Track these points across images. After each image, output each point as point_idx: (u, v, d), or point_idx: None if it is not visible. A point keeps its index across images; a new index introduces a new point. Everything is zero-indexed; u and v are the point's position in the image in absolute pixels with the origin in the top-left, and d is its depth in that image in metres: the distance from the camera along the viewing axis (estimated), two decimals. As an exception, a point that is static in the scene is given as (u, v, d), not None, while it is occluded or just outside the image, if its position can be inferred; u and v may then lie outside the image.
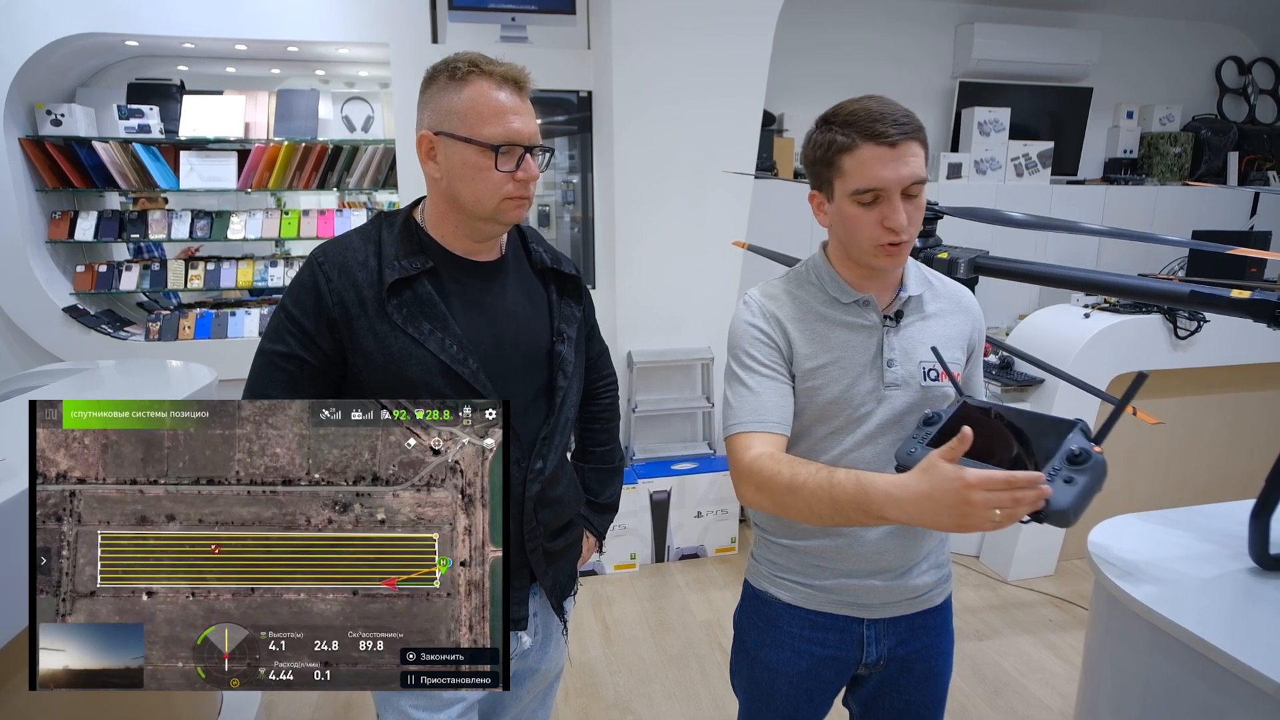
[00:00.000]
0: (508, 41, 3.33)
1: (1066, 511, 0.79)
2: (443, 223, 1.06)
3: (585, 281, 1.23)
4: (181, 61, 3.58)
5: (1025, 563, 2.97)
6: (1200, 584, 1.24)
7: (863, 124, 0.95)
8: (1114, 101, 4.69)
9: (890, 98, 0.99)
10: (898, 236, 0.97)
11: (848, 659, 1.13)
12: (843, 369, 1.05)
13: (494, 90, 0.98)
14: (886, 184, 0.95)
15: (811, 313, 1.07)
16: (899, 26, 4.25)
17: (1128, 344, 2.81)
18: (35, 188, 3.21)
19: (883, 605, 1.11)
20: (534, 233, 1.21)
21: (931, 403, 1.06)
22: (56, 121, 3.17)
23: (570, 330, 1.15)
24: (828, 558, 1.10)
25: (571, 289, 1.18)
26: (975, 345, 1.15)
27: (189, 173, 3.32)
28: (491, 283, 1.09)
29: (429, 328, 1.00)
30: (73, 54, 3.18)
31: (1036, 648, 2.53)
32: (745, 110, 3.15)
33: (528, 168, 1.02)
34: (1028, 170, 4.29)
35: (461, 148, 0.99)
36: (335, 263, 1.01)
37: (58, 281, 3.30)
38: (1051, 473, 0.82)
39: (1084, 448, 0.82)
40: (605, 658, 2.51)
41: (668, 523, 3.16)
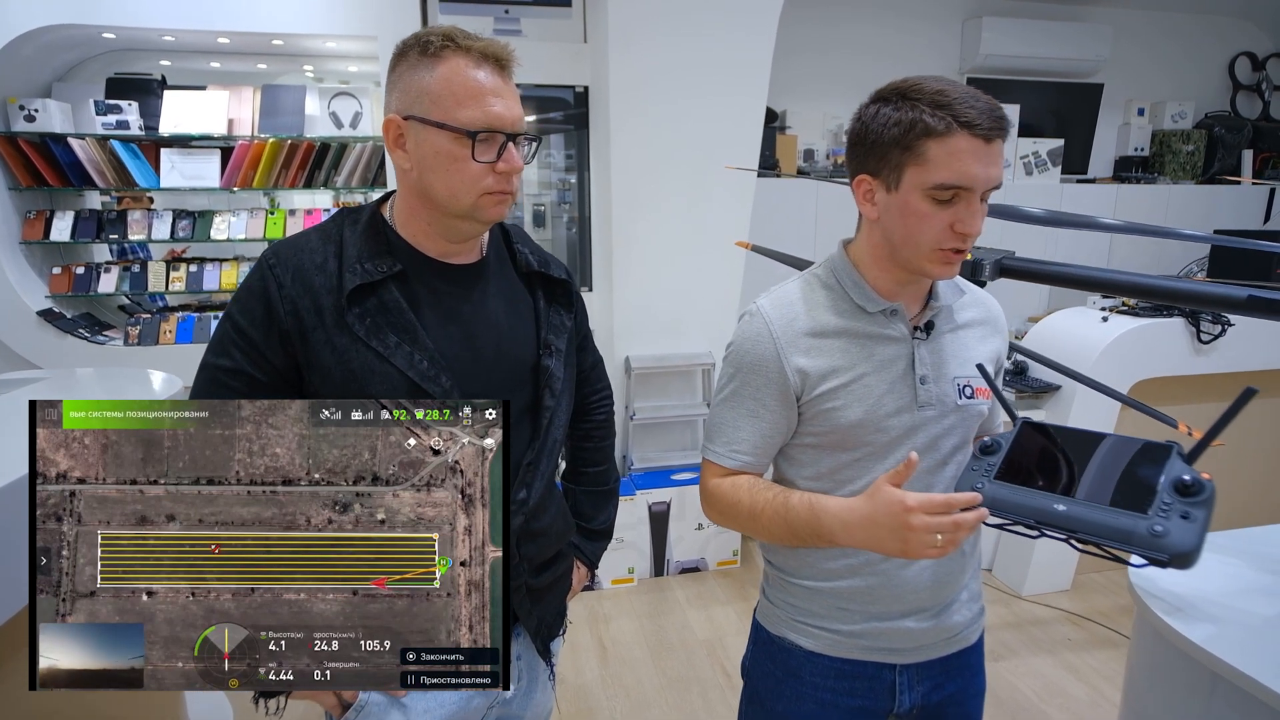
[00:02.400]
0: (501, 34, 3.21)
1: (1190, 554, 0.69)
2: (413, 220, 0.94)
3: (579, 285, 1.11)
4: (163, 56, 3.46)
5: (1040, 577, 2.85)
6: (1264, 622, 1.12)
7: (960, 108, 0.81)
8: (1125, 98, 4.58)
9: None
10: (965, 244, 0.85)
11: (878, 710, 1.01)
12: (867, 387, 0.92)
13: (471, 68, 0.86)
14: (975, 182, 0.82)
15: (829, 324, 0.94)
16: (903, 23, 4.13)
17: (1148, 348, 2.69)
18: (8, 186, 3.09)
19: (917, 649, 0.99)
20: (519, 232, 1.09)
21: (967, 423, 0.94)
22: (30, 117, 3.04)
23: (559, 342, 1.02)
24: (857, 599, 0.98)
25: (561, 295, 1.06)
26: (1003, 357, 1.06)
27: (170, 171, 3.20)
28: (470, 289, 0.97)
29: (395, 340, 0.89)
30: (47, 46, 3.05)
31: (1056, 669, 2.40)
32: (747, 108, 3.02)
33: (510, 158, 0.89)
34: (1037, 169, 4.18)
35: (434, 134, 0.87)
36: (289, 265, 0.89)
37: (32, 284, 3.17)
38: (1163, 508, 0.71)
39: (1196, 477, 0.72)
40: (602, 680, 2.38)
41: (667, 535, 3.04)
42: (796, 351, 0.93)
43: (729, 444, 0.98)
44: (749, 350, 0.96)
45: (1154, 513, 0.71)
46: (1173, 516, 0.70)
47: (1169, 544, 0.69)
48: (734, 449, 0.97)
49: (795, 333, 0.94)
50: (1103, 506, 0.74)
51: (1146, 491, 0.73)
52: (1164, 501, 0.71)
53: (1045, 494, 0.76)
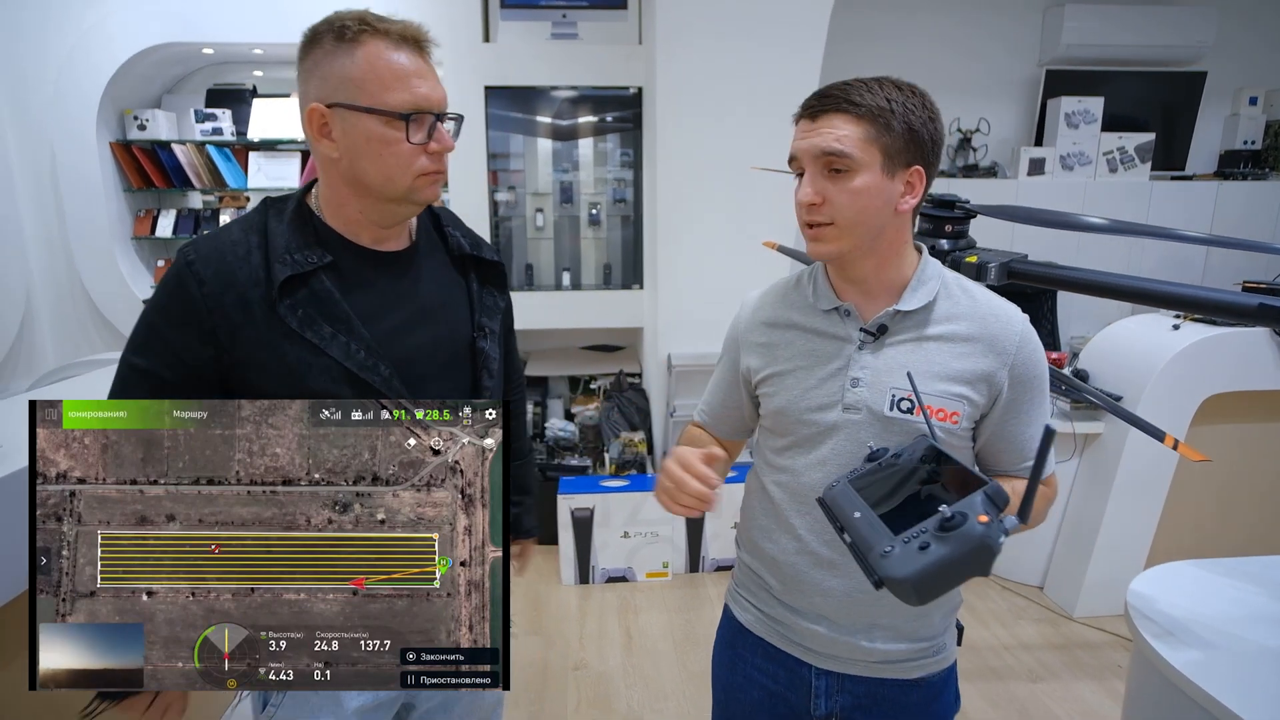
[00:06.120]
0: (558, 39, 3.32)
1: (903, 581, 0.63)
2: (343, 209, 0.93)
3: (632, 283, 1.15)
4: (255, 67, 3.77)
5: (1094, 597, 2.69)
6: (1258, 652, 1.05)
7: (804, 101, 0.92)
8: (1233, 87, 4.20)
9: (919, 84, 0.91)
10: (809, 215, 0.90)
11: (796, 705, 1.01)
12: (796, 379, 0.95)
13: (391, 51, 0.86)
14: (798, 152, 0.90)
15: (785, 319, 1.00)
16: (973, 15, 3.95)
17: (1223, 360, 2.48)
18: (123, 188, 3.46)
19: (831, 657, 0.98)
20: (449, 214, 1.09)
21: (898, 438, 0.89)
22: (142, 126, 3.41)
23: (493, 324, 1.04)
24: (773, 580, 1.01)
25: (494, 277, 1.07)
26: (1005, 388, 0.91)
27: (256, 172, 3.50)
28: (401, 275, 0.97)
29: (330, 331, 0.89)
30: (156, 63, 3.40)
31: (1099, 695, 2.27)
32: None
33: (441, 138, 0.90)
34: (1123, 165, 3.90)
35: (364, 120, 0.86)
36: (210, 261, 0.87)
37: (141, 275, 3.55)
38: (914, 535, 0.66)
39: (961, 512, 0.64)
40: (623, 669, 2.44)
41: (703, 532, 3.06)
42: (752, 337, 1.02)
43: (706, 405, 1.13)
44: (729, 333, 1.09)
45: (901, 536, 0.66)
46: (911, 544, 0.65)
47: (885, 565, 0.65)
48: (702, 408, 1.14)
49: (756, 321, 1.02)
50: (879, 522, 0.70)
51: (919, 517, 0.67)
52: (920, 529, 0.66)
53: (862, 503, 0.73)
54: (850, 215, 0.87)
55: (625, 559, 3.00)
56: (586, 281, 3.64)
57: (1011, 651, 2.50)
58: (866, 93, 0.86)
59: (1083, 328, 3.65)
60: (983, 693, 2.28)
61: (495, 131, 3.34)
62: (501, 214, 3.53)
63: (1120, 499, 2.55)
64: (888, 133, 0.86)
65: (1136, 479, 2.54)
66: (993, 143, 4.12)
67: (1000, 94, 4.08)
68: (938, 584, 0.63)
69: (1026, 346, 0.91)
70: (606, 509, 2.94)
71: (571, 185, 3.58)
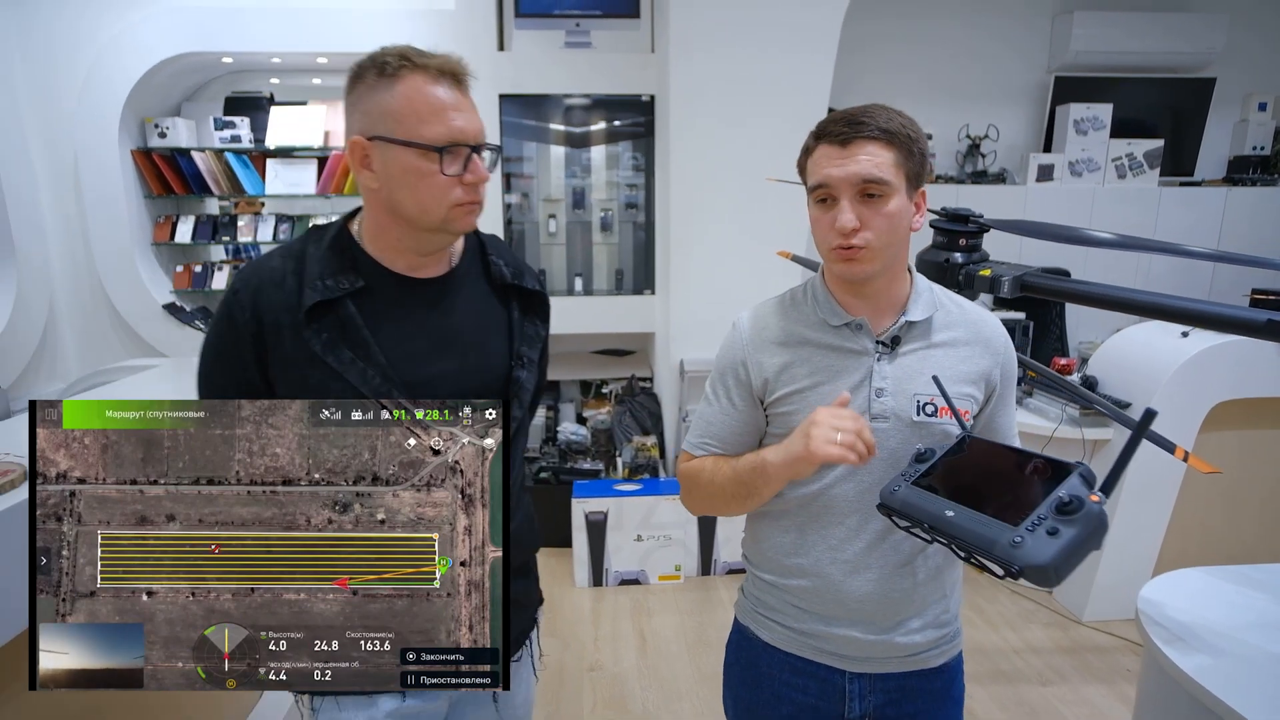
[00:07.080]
0: (572, 47, 3.36)
1: (1045, 568, 0.69)
2: (382, 236, 0.96)
3: (644, 289, 1.14)
4: (272, 75, 3.82)
5: (1104, 601, 2.71)
6: (1267, 658, 1.08)
7: (822, 126, 0.95)
8: (1242, 92, 4.21)
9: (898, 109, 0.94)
10: (847, 240, 0.92)
11: (829, 712, 1.05)
12: (821, 395, 0.98)
13: (430, 85, 0.89)
14: (832, 180, 0.92)
15: (796, 336, 1.02)
16: (981, 19, 3.98)
17: (1233, 367, 2.50)
18: (143, 195, 3.52)
19: (865, 660, 1.02)
20: (496, 242, 1.10)
21: (928, 440, 0.96)
22: (162, 134, 3.46)
23: (532, 353, 1.05)
24: (805, 599, 1.03)
25: (536, 306, 1.08)
26: (999, 383, 1.03)
27: (273, 179, 3.55)
28: (436, 302, 0.99)
29: (350, 356, 0.91)
30: (176, 72, 3.46)
31: (1108, 699, 2.30)
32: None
33: (476, 169, 0.92)
34: (1132, 171, 3.92)
35: (400, 152, 0.88)
36: (250, 286, 0.92)
37: (160, 281, 3.60)
38: (1035, 522, 0.72)
39: (1075, 495, 0.71)
40: (638, 670, 2.48)
41: (715, 535, 3.09)
42: (764, 357, 1.02)
43: (701, 436, 1.08)
44: (725, 357, 1.07)
45: (1024, 525, 0.71)
46: (1039, 531, 0.70)
47: (1021, 555, 0.70)
48: (705, 440, 1.07)
49: (764, 340, 1.03)
50: (983, 516, 0.74)
51: (1028, 506, 0.73)
52: (1038, 516, 0.71)
53: (945, 501, 0.78)
54: (885, 238, 0.92)
55: (638, 562, 3.04)
56: (598, 287, 3.68)
57: (1021, 655, 2.53)
58: (887, 119, 0.91)
59: (1091, 333, 3.67)
60: (993, 696, 2.31)
61: (509, 138, 3.39)
62: (514, 219, 3.58)
63: (1129, 503, 2.58)
64: (910, 158, 0.92)
65: (1145, 484, 2.57)
66: (1001, 149, 4.15)
67: (1009, 100, 4.10)
68: (1070, 563, 0.70)
69: (1010, 346, 1.05)
70: (620, 512, 2.98)
71: (584, 191, 3.63)
